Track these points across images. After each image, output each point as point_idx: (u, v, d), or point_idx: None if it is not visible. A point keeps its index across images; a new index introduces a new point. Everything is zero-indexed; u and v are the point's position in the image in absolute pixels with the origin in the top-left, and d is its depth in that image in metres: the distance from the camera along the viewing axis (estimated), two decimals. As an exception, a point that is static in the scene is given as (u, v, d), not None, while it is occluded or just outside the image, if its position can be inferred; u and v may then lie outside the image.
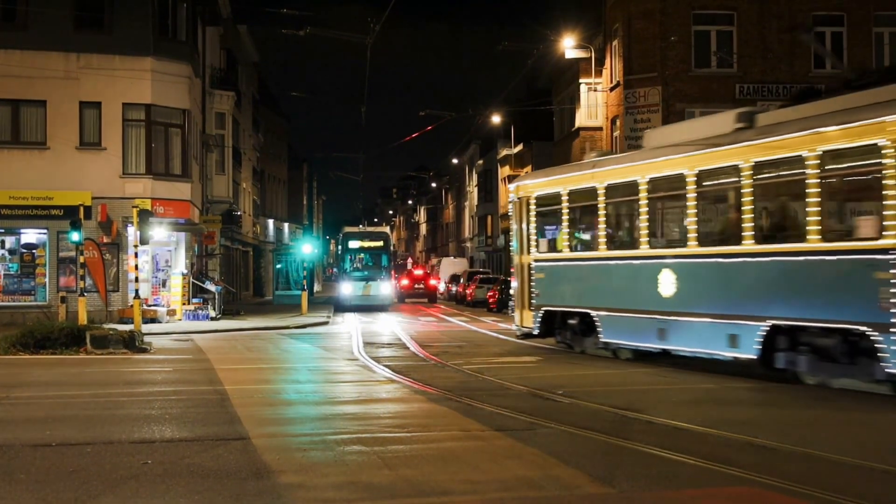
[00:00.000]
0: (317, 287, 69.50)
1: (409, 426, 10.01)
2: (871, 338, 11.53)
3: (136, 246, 24.41)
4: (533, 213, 19.53)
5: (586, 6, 42.06)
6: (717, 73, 34.91)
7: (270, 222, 63.82)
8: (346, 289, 41.40)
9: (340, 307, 40.51)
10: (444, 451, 8.62)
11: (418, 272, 56.67)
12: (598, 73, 38.75)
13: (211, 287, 32.41)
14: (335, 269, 67.90)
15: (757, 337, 13.34)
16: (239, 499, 6.90)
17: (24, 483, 7.44)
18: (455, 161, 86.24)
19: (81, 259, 25.26)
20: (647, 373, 15.22)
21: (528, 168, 51.04)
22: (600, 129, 39.32)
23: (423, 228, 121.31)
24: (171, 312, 29.38)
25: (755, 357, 13.48)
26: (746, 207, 13.67)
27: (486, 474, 7.67)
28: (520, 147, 56.29)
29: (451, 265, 61.10)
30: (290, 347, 21.72)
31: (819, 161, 12.35)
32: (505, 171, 59.75)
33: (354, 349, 20.31)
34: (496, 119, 53.22)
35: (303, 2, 72.27)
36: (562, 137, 45.41)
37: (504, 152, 60.71)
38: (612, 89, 37.37)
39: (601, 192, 17.21)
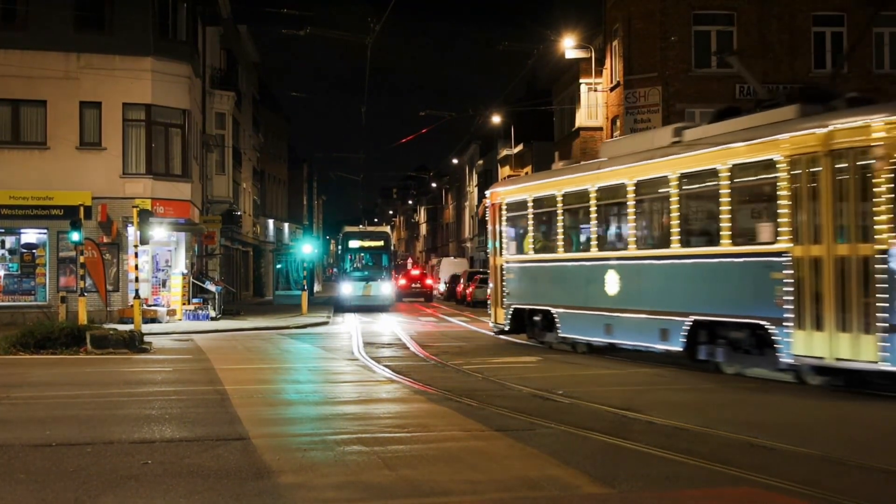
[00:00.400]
0: (317, 287, 69.50)
1: (409, 426, 10.00)
2: (770, 331, 13.23)
3: (136, 246, 24.42)
4: (504, 218, 21.29)
5: (586, 6, 42.11)
6: (718, 73, 34.87)
7: (270, 222, 63.82)
8: (347, 289, 41.24)
9: (340, 307, 40.45)
10: (444, 452, 8.62)
11: (415, 272, 59.70)
12: (599, 74, 38.75)
13: (211, 287, 32.42)
14: (335, 269, 68.02)
15: (682, 331, 15.06)
16: (239, 499, 6.90)
17: (24, 483, 7.44)
18: (455, 161, 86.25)
19: (81, 259, 25.26)
20: (647, 373, 15.24)
21: (529, 168, 51.06)
22: (600, 129, 39.33)
23: (424, 228, 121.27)
24: (171, 312, 29.39)
25: (681, 349, 15.21)
26: (674, 214, 15.49)
27: (485, 474, 7.67)
28: (520, 147, 56.27)
29: (451, 265, 61.10)
30: (291, 347, 21.73)
31: (730, 173, 14.14)
32: (505, 171, 59.73)
33: (354, 349, 20.31)
34: (496, 119, 53.19)
35: (303, 2, 72.18)
36: (562, 138, 45.41)
37: (504, 152, 60.69)
38: (612, 89, 37.37)
39: (559, 199, 18.94)
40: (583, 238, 18.43)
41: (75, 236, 24.39)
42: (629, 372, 15.39)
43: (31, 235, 29.19)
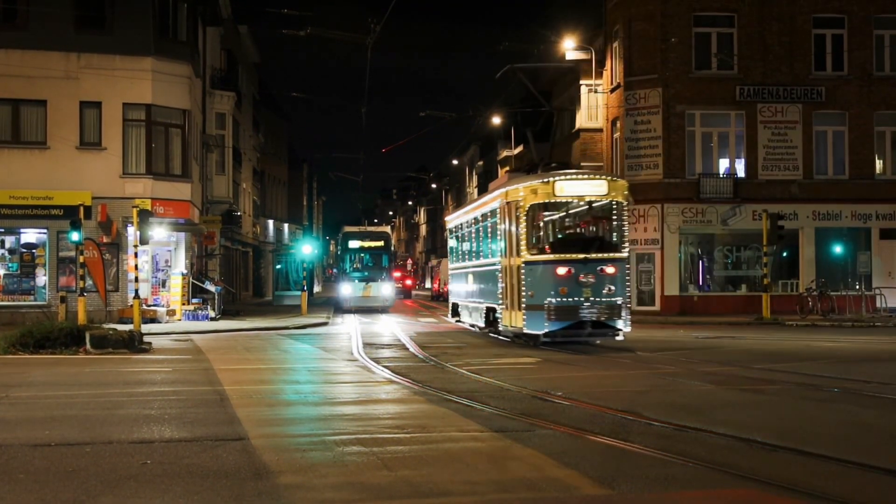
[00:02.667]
0: (316, 288, 69.53)
1: (408, 427, 9.99)
2: (497, 311, 21.50)
3: (135, 246, 24.42)
4: (448, 236, 30.35)
5: (587, 7, 42.07)
6: (718, 74, 34.92)
7: (270, 223, 63.82)
8: (346, 289, 41.04)
9: (340, 308, 40.37)
10: (443, 452, 8.61)
11: (397, 274, 69.71)
12: (599, 75, 38.74)
13: (210, 287, 32.42)
14: (335, 270, 68.24)
15: (483, 314, 23.67)
16: (238, 499, 6.89)
17: (24, 483, 7.43)
18: (455, 162, 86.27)
19: (81, 259, 25.26)
20: (647, 375, 15.25)
21: (528, 169, 50.97)
22: (600, 130, 39.33)
23: (423, 229, 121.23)
24: (171, 312, 29.39)
25: (484, 326, 23.94)
26: (480, 238, 24.03)
27: (484, 475, 7.66)
28: (520, 148, 56.26)
29: (451, 266, 61.42)
30: (290, 348, 21.73)
31: (491, 213, 22.29)
32: (505, 171, 59.66)
33: (354, 350, 20.31)
34: (496, 120, 53.17)
35: (303, 2, 72.26)
36: (562, 139, 45.36)
37: (504, 153, 60.68)
38: (612, 91, 37.36)
39: (461, 224, 27.53)
40: (464, 252, 26.91)
41: (75, 236, 24.39)
42: (628, 374, 15.39)
43: (30, 235, 29.21)
